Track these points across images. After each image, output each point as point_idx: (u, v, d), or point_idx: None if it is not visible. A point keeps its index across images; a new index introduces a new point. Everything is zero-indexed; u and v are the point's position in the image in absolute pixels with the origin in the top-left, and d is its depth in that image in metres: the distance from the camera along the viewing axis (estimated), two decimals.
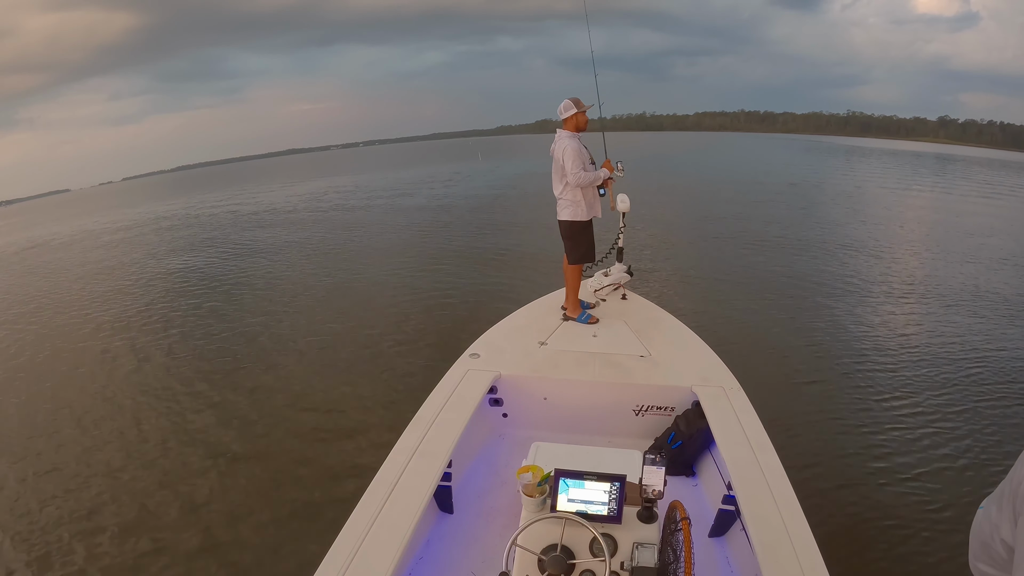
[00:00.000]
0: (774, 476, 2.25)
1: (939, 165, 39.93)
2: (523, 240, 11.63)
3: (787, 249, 10.42)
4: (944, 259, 9.95)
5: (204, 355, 6.45)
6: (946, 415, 4.50)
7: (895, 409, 4.61)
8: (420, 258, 10.61)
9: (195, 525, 3.57)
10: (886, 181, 25.49)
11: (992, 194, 21.44)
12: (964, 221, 14.38)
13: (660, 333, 3.64)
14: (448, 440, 2.52)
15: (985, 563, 0.98)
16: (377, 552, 1.90)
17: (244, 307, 8.23)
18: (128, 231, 18.85)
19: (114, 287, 10.25)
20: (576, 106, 3.72)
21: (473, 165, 38.71)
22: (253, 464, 4.21)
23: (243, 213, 20.40)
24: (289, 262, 11.12)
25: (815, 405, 4.70)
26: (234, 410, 5.06)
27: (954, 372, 5.27)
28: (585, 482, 1.77)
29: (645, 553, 1.72)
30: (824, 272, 8.84)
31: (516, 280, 8.60)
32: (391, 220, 15.79)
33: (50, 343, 7.44)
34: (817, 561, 1.83)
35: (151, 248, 14.47)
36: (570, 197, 3.84)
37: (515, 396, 3.24)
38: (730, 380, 3.02)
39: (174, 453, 4.42)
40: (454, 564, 2.44)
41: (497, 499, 2.81)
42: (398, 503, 2.13)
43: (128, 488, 4.01)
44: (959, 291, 7.94)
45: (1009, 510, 0.89)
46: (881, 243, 11.13)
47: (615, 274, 4.23)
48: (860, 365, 5.44)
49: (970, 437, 4.18)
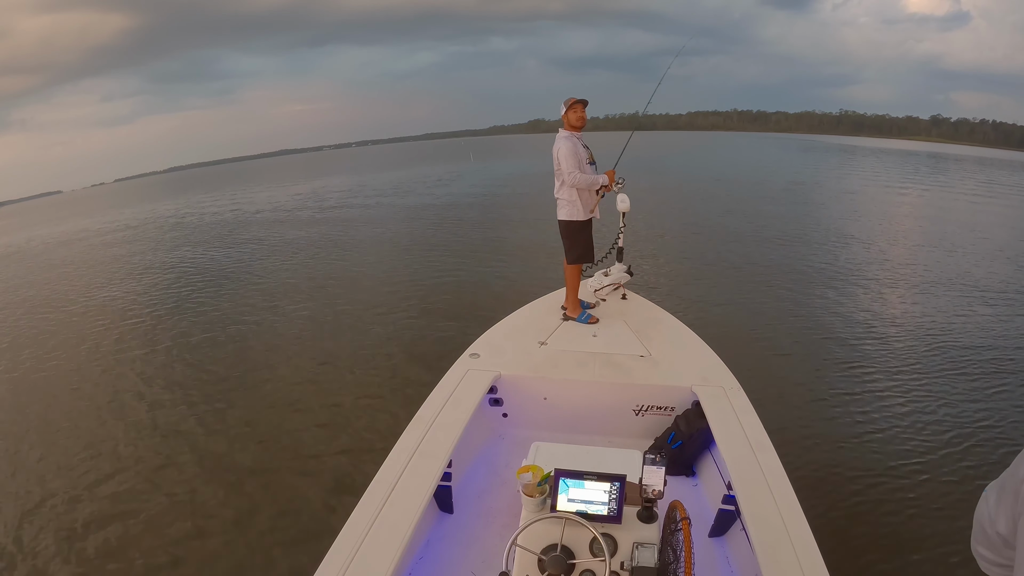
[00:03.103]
0: (774, 476, 2.25)
1: (935, 164, 40.15)
2: (523, 240, 11.62)
3: (787, 249, 10.44)
4: (950, 258, 9.94)
5: (203, 355, 6.41)
6: (949, 414, 4.50)
7: (896, 408, 4.61)
8: (419, 258, 10.59)
9: (196, 524, 3.55)
10: (884, 180, 25.57)
11: (1000, 193, 21.45)
12: (973, 220, 14.37)
13: (660, 333, 3.64)
14: (448, 440, 2.52)
15: (984, 547, 1.00)
16: (377, 552, 1.90)
17: (242, 305, 8.18)
18: (126, 231, 18.76)
19: (111, 292, 10.18)
20: (566, 105, 3.72)
21: (464, 166, 38.66)
22: (252, 465, 4.18)
23: (239, 213, 20.30)
24: (289, 262, 11.08)
25: (815, 405, 4.71)
26: (232, 410, 5.03)
27: (957, 371, 5.27)
28: (585, 482, 1.77)
29: (645, 553, 1.72)
30: (825, 271, 8.87)
31: (516, 280, 8.60)
32: (389, 220, 15.75)
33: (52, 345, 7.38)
34: (817, 561, 1.84)
35: (148, 248, 14.40)
36: (567, 197, 3.85)
37: (515, 396, 3.24)
38: (730, 380, 3.03)
39: (172, 452, 4.40)
40: (454, 564, 2.44)
41: (497, 499, 2.81)
42: (398, 503, 2.13)
43: (128, 489, 3.98)
44: (961, 290, 7.96)
45: (1008, 504, 0.90)
46: (882, 242, 11.16)
47: (615, 274, 4.23)
48: (861, 364, 5.45)
49: (974, 436, 4.18)
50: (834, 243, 10.87)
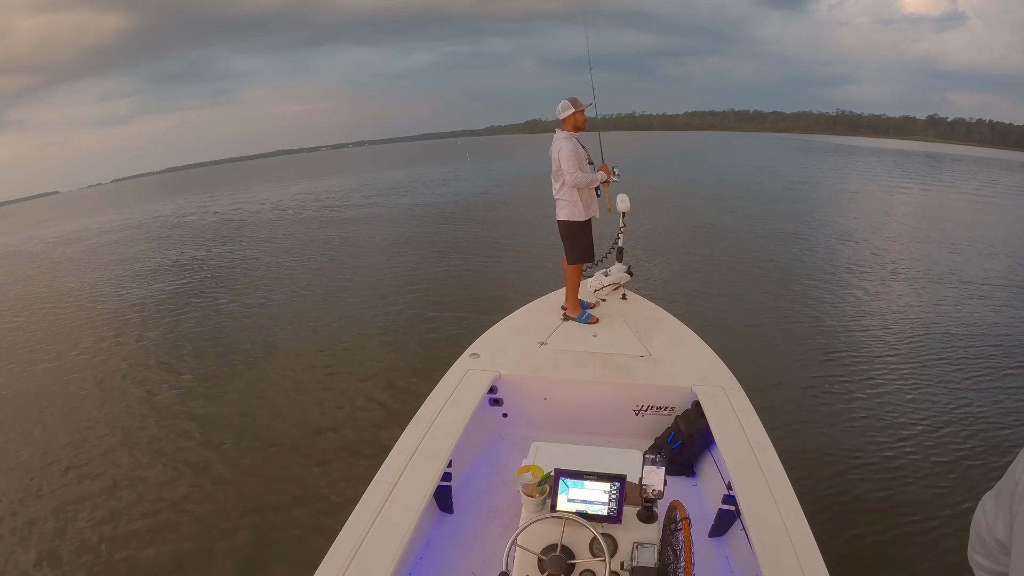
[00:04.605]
0: (774, 476, 2.25)
1: (933, 164, 40.18)
2: (523, 240, 11.62)
3: (788, 248, 10.44)
4: (954, 257, 9.93)
5: (201, 354, 6.41)
6: (950, 413, 4.50)
7: (898, 408, 4.61)
8: (419, 258, 10.58)
9: (195, 525, 3.54)
10: (884, 179, 25.59)
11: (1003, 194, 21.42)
12: (972, 219, 14.37)
13: (660, 333, 3.64)
14: (448, 440, 2.52)
15: (981, 555, 1.01)
16: (377, 552, 1.90)
17: (242, 305, 8.17)
18: (127, 231, 18.71)
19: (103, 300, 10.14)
20: (574, 106, 3.72)
21: (462, 166, 38.61)
22: (251, 465, 4.18)
23: (238, 214, 20.27)
24: (289, 262, 11.06)
25: (815, 404, 4.70)
26: (230, 408, 5.03)
27: (959, 371, 5.27)
28: (585, 482, 1.77)
29: (645, 553, 1.72)
30: (825, 270, 8.88)
31: (516, 280, 8.59)
32: (389, 220, 15.73)
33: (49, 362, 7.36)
34: (817, 561, 1.84)
35: (146, 250, 14.36)
36: (567, 197, 3.85)
37: (515, 396, 3.24)
38: (730, 380, 3.03)
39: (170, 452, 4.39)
40: (454, 564, 2.43)
41: (497, 499, 2.81)
42: (398, 503, 2.13)
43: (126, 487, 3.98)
44: (963, 288, 7.98)
45: (1005, 510, 0.90)
46: (882, 242, 11.17)
47: (615, 274, 4.23)
48: (862, 364, 5.45)
49: (975, 435, 4.17)
50: (834, 243, 10.88)
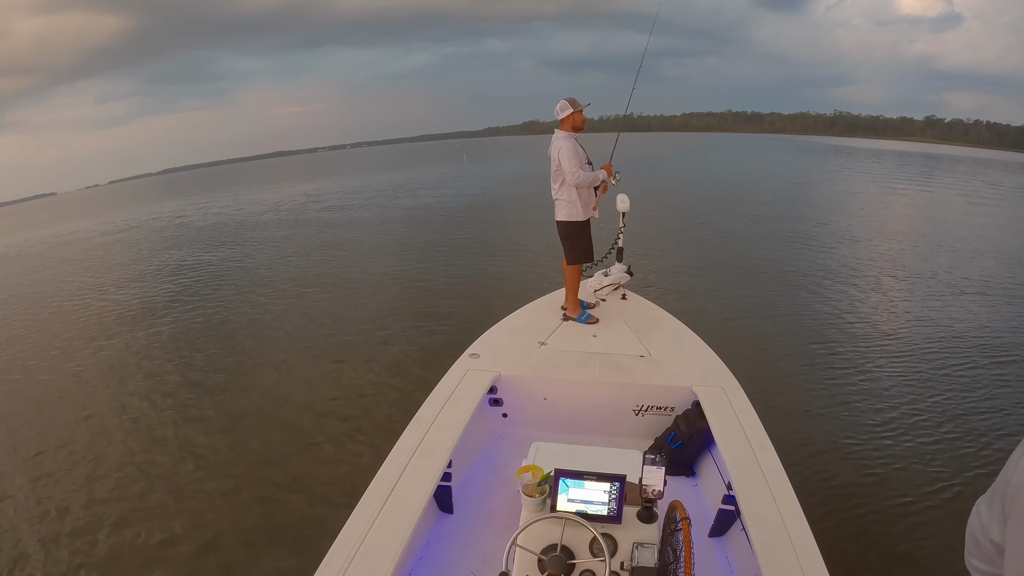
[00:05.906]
0: (774, 476, 2.25)
1: (932, 164, 40.25)
2: (522, 241, 11.62)
3: (788, 248, 10.45)
4: (954, 258, 9.94)
5: (200, 355, 6.40)
6: (951, 413, 4.50)
7: (898, 408, 4.60)
8: (419, 258, 10.57)
9: (194, 524, 3.54)
10: (883, 180, 25.62)
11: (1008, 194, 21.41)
12: (974, 220, 14.38)
13: (660, 333, 3.64)
14: (448, 440, 2.52)
15: (978, 559, 1.01)
16: (377, 552, 1.90)
17: (242, 305, 8.15)
18: (128, 231, 18.68)
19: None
20: (572, 106, 3.72)
21: (460, 167, 38.64)
22: (248, 466, 4.17)
23: (238, 214, 20.27)
24: (288, 261, 11.06)
25: (816, 404, 4.70)
26: (228, 407, 5.02)
27: (960, 370, 5.27)
28: (585, 482, 1.77)
29: (645, 553, 1.71)
30: (825, 270, 8.88)
31: (516, 280, 8.60)
32: (388, 221, 15.72)
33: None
34: (817, 561, 1.84)
35: (144, 251, 14.34)
36: (566, 197, 3.85)
37: (515, 396, 3.24)
38: (730, 380, 3.03)
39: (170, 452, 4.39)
40: (454, 564, 2.43)
41: (497, 499, 2.80)
42: (398, 503, 2.13)
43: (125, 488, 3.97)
44: (964, 288, 7.98)
45: (999, 511, 0.91)
46: (883, 241, 11.16)
47: (615, 274, 4.24)
48: (863, 363, 5.45)
49: (976, 435, 4.17)
50: (835, 243, 10.89)
